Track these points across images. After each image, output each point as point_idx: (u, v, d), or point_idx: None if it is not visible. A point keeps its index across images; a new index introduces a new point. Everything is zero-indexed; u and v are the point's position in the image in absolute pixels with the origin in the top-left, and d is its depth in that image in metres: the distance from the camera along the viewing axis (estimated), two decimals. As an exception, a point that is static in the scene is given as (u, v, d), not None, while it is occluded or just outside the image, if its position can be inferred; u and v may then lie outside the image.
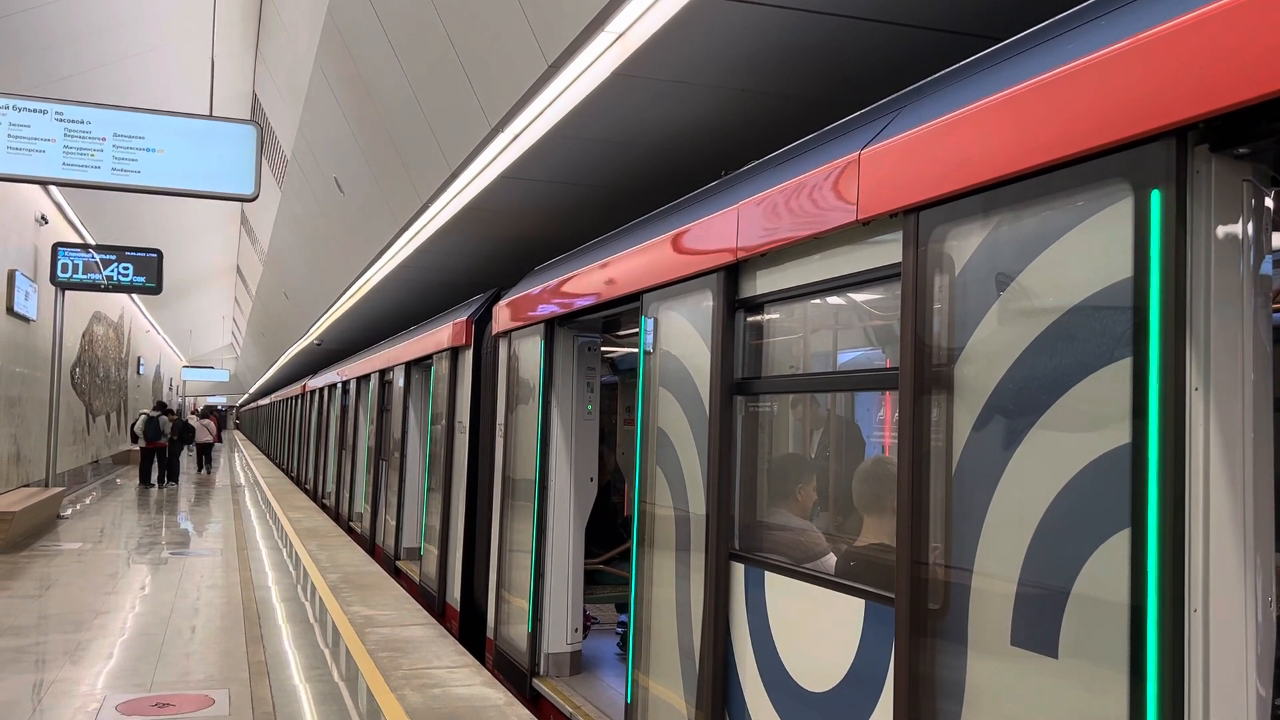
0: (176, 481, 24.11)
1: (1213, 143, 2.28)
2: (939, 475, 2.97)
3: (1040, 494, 2.60)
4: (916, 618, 3.01)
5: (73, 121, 9.49)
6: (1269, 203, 2.42)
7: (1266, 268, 2.41)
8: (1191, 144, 2.30)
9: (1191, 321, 2.29)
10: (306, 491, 23.51)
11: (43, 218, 18.05)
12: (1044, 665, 2.57)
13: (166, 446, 23.64)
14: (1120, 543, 2.36)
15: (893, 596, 3.13)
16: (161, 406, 24.70)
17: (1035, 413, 2.64)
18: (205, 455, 29.06)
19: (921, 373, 3.05)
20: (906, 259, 3.12)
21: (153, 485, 23.42)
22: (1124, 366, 2.38)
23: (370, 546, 14.04)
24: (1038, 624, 2.59)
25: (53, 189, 17.91)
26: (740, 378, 4.25)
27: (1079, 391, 2.51)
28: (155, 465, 23.63)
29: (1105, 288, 2.46)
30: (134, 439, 23.97)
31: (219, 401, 79.53)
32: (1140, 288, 2.35)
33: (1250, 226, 2.35)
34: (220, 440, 30.11)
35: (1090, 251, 2.51)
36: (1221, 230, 2.32)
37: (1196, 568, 2.25)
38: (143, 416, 23.52)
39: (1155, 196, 2.32)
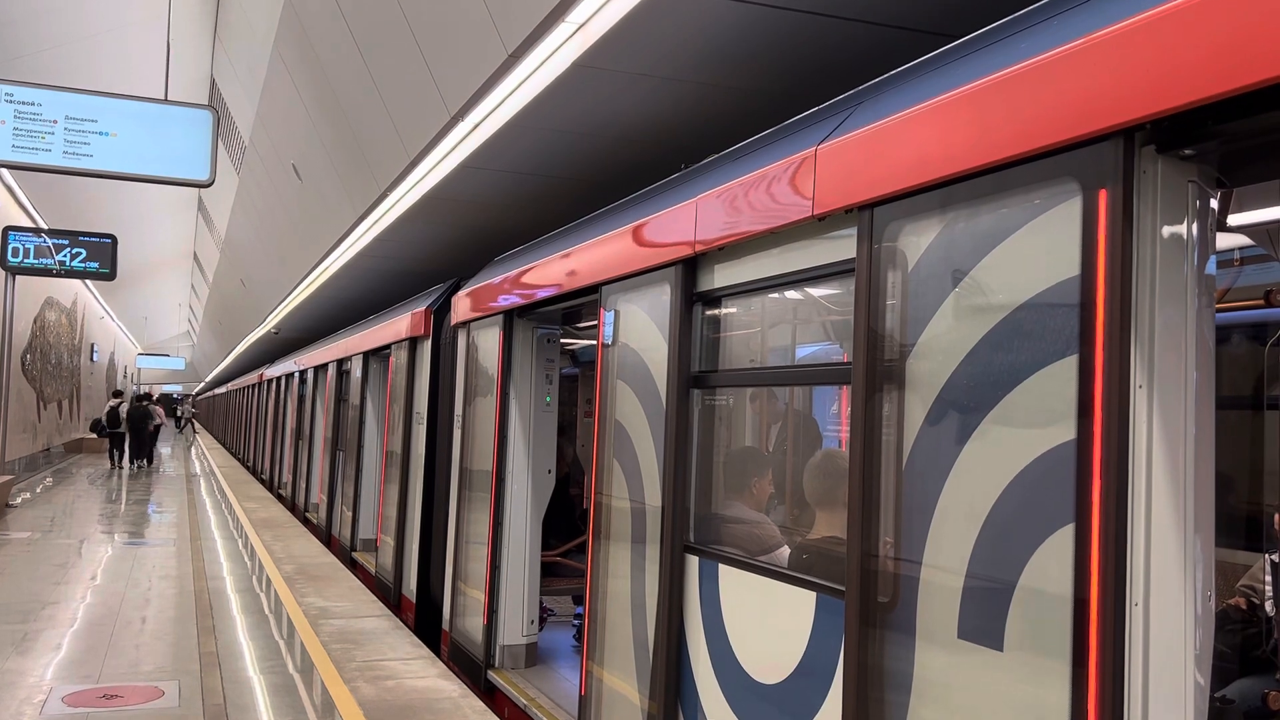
0: (151, 462, 25.56)
1: (1159, 144, 2.31)
2: (889, 469, 3.00)
3: (987, 489, 2.63)
4: (866, 610, 3.03)
5: (23, 103, 9.27)
6: (1214, 203, 2.46)
7: (1210, 267, 2.45)
8: (1139, 144, 2.33)
9: (1136, 320, 2.32)
10: (263, 482, 23.25)
11: (-7, 201, 17.70)
12: (990, 658, 2.60)
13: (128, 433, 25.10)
14: (1064, 537, 2.39)
15: (843, 589, 3.15)
16: (119, 394, 26.44)
17: (984, 409, 2.66)
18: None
19: (873, 368, 3.07)
20: (860, 255, 3.14)
21: (122, 468, 24.86)
22: (1070, 363, 2.41)
23: (326, 538, 13.92)
24: (984, 617, 2.62)
25: (4, 172, 17.55)
26: (697, 371, 4.26)
27: (1026, 388, 2.54)
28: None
29: (1053, 285, 2.48)
30: (114, 425, 25.16)
31: (175, 390, 78.59)
32: (1087, 286, 2.38)
33: (1195, 227, 2.38)
34: (164, 422, 34.32)
35: (1039, 249, 2.54)
36: (1167, 230, 2.35)
37: (1138, 563, 2.29)
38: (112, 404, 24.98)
39: (1103, 196, 2.35)
